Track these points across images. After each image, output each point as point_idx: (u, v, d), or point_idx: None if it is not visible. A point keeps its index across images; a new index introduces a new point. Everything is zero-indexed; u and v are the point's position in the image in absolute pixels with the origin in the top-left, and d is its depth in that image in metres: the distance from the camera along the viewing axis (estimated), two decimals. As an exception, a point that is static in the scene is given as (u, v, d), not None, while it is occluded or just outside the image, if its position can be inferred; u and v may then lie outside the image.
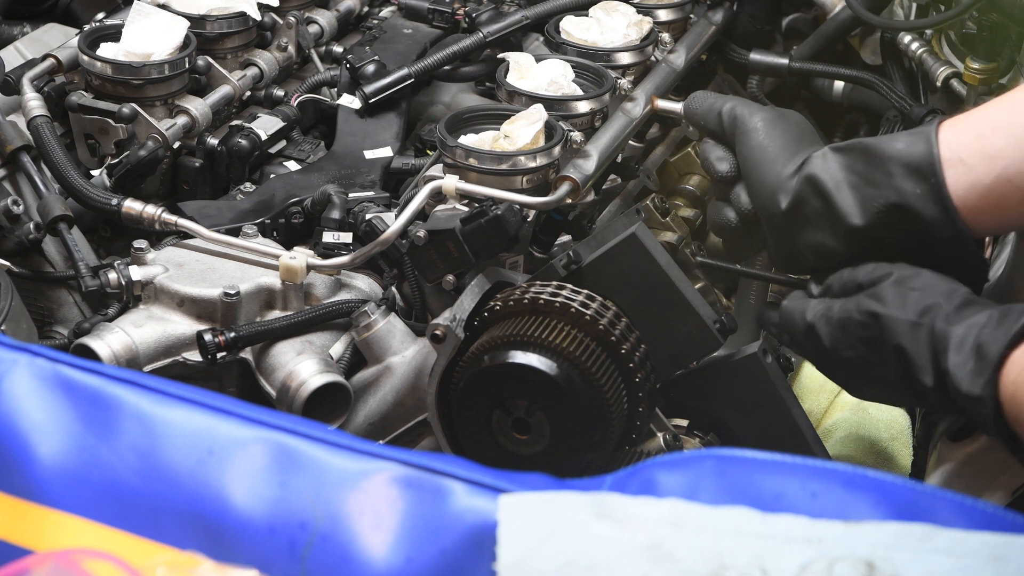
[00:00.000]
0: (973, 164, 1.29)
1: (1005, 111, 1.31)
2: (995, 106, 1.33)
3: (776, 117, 1.44)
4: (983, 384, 1.17)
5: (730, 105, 1.47)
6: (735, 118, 1.45)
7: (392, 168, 1.70)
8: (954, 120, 1.33)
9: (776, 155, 1.40)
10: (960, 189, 1.30)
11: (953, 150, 1.30)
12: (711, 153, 1.47)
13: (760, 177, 1.40)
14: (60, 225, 1.52)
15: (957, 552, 0.91)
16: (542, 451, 1.36)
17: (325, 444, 1.01)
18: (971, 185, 1.30)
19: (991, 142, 1.29)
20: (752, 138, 1.42)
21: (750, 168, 1.42)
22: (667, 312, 1.40)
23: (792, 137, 1.42)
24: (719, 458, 0.99)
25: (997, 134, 1.29)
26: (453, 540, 0.96)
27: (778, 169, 1.39)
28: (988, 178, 1.29)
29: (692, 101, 1.53)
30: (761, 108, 1.45)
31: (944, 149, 1.31)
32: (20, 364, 1.06)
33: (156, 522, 1.00)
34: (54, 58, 1.70)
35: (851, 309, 1.30)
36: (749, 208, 1.43)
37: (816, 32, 2.00)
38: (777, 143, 1.41)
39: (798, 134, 1.42)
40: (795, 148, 1.40)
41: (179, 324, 1.44)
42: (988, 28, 1.79)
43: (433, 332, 1.40)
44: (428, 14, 1.94)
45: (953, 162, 1.30)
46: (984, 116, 1.32)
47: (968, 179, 1.30)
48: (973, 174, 1.29)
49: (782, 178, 1.38)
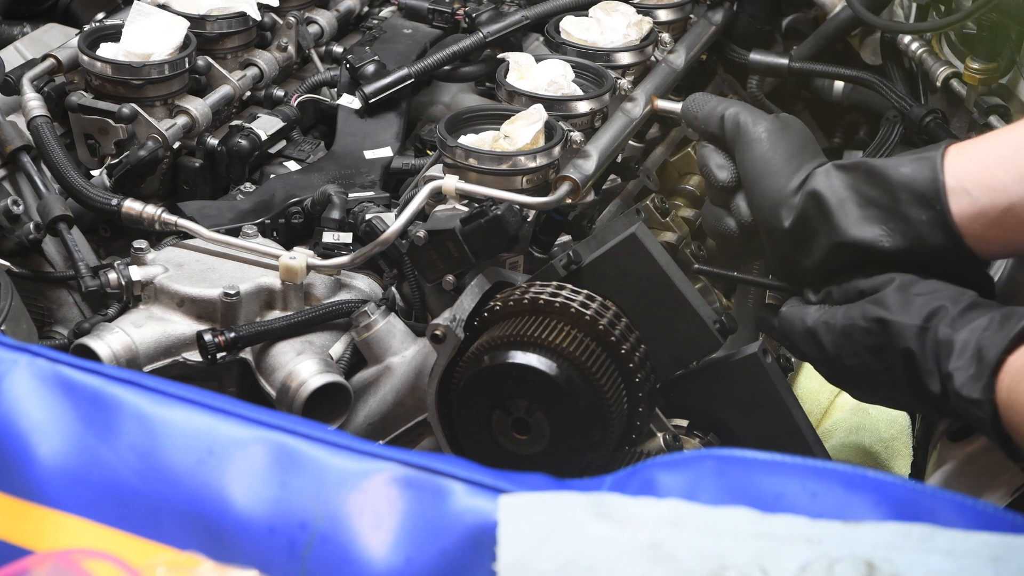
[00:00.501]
0: (977, 196, 1.29)
1: (1011, 145, 1.30)
2: (1002, 136, 1.32)
3: (780, 127, 1.43)
4: (981, 388, 1.17)
5: (733, 111, 1.46)
6: (738, 125, 1.44)
7: (392, 168, 1.70)
8: (960, 147, 1.33)
9: (780, 168, 1.39)
10: (964, 218, 1.30)
11: (958, 179, 1.30)
12: (711, 160, 1.46)
13: (763, 190, 1.40)
14: (60, 225, 1.52)
15: (957, 552, 0.91)
16: (542, 451, 1.36)
17: (325, 444, 1.01)
18: (975, 215, 1.30)
19: (995, 175, 1.29)
20: (756, 148, 1.42)
21: (753, 180, 1.41)
22: (667, 312, 1.40)
23: (796, 149, 1.41)
24: (719, 458, 0.99)
25: (1001, 168, 1.29)
26: (453, 540, 0.96)
27: (782, 183, 1.38)
28: (994, 211, 1.29)
29: (691, 103, 1.52)
30: (764, 116, 1.45)
31: (949, 177, 1.30)
32: (20, 364, 1.06)
33: (156, 522, 1.00)
34: (54, 58, 1.70)
35: (855, 316, 1.30)
36: (750, 219, 1.43)
37: (816, 32, 2.00)
38: (781, 155, 1.40)
39: (801, 145, 1.42)
40: (798, 161, 1.40)
41: (179, 324, 1.44)
42: (988, 28, 1.79)
43: (433, 332, 1.40)
44: (428, 14, 1.94)
45: (957, 191, 1.30)
46: (989, 147, 1.31)
47: (972, 209, 1.30)
48: (978, 205, 1.29)
49: (785, 193, 1.38)
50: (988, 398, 1.17)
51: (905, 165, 1.33)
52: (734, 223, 1.44)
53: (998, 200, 1.28)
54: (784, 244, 1.39)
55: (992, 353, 1.17)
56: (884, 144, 1.86)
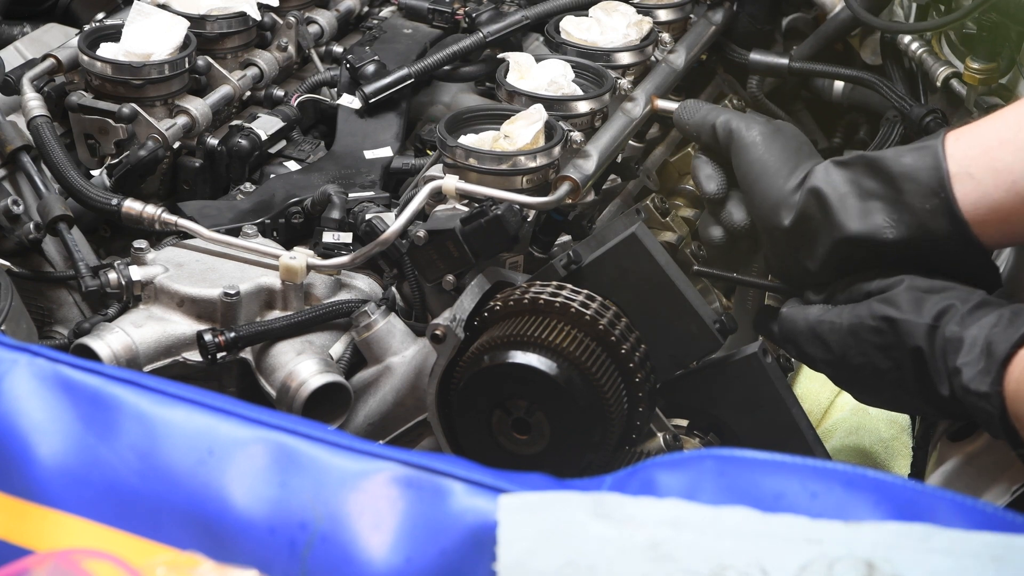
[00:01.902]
0: (982, 178, 1.29)
1: (1012, 124, 1.30)
2: (1001, 118, 1.32)
3: (773, 130, 1.43)
4: (990, 382, 1.17)
5: (724, 118, 1.46)
6: (730, 132, 1.45)
7: (392, 168, 1.70)
8: (958, 132, 1.33)
9: (777, 169, 1.39)
10: (968, 203, 1.30)
11: (961, 164, 1.30)
12: (701, 171, 1.48)
13: (762, 191, 1.40)
14: (60, 225, 1.52)
15: (957, 552, 0.91)
16: (542, 451, 1.36)
17: (325, 444, 1.01)
18: (980, 199, 1.29)
19: (999, 156, 1.29)
20: (751, 152, 1.42)
21: (750, 183, 1.41)
22: (667, 312, 1.40)
23: (791, 150, 1.41)
24: (719, 458, 0.99)
25: (1005, 148, 1.29)
26: (453, 540, 0.96)
27: (780, 183, 1.38)
28: (997, 192, 1.29)
29: (683, 111, 1.52)
30: (757, 121, 1.45)
31: (951, 163, 1.30)
32: (20, 364, 1.06)
33: (156, 522, 1.00)
34: (54, 58, 1.70)
35: (863, 315, 1.30)
36: (739, 225, 1.43)
37: (816, 32, 2.00)
38: (777, 156, 1.40)
39: (796, 147, 1.42)
40: (795, 161, 1.40)
41: (179, 324, 1.44)
42: (988, 28, 1.79)
43: (433, 332, 1.40)
44: (428, 14, 1.94)
45: (961, 176, 1.30)
46: (991, 129, 1.31)
47: (977, 193, 1.29)
48: (982, 188, 1.29)
49: (784, 192, 1.38)
50: (996, 391, 1.17)
51: (906, 155, 1.33)
52: (720, 231, 1.45)
53: (1001, 181, 1.28)
54: (785, 245, 1.38)
55: (1002, 348, 1.17)
56: (884, 144, 1.86)
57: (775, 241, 1.40)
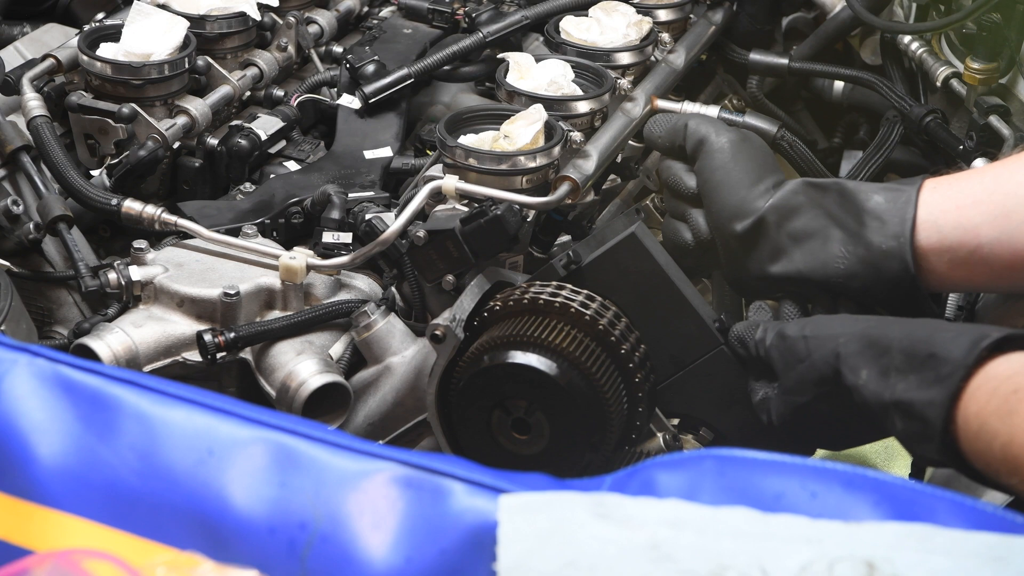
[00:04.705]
0: (947, 233, 1.31)
1: (988, 185, 1.31)
2: (978, 176, 1.34)
3: (742, 139, 1.44)
4: (935, 450, 1.13)
5: (695, 122, 1.46)
6: (700, 135, 1.45)
7: (392, 168, 1.70)
8: (937, 182, 1.34)
9: (741, 178, 1.40)
10: (931, 253, 1.31)
11: (932, 213, 1.32)
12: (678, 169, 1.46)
13: (723, 197, 1.40)
14: (60, 225, 1.52)
15: (957, 552, 0.91)
16: (542, 451, 1.36)
17: (325, 444, 1.01)
18: (941, 252, 1.31)
19: (969, 216, 1.30)
20: (718, 158, 1.42)
21: (713, 187, 1.42)
22: (667, 312, 1.40)
23: (757, 162, 1.42)
24: (719, 458, 0.99)
25: (977, 208, 1.30)
26: (453, 540, 0.96)
27: (742, 193, 1.39)
28: (961, 250, 1.30)
29: (652, 124, 1.52)
30: (727, 128, 1.45)
31: (923, 209, 1.32)
32: (20, 364, 1.06)
33: (156, 522, 1.00)
34: (54, 58, 1.70)
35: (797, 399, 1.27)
36: (706, 234, 1.43)
37: (816, 32, 2.00)
38: (742, 166, 1.41)
39: (762, 160, 1.43)
40: (759, 174, 1.40)
41: (179, 324, 1.44)
42: (988, 28, 1.79)
43: (433, 332, 1.40)
44: (428, 14, 1.94)
45: (928, 225, 1.32)
46: (967, 186, 1.33)
47: (940, 246, 1.31)
48: (945, 243, 1.31)
49: (746, 201, 1.39)
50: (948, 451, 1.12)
51: (880, 193, 1.34)
52: (690, 235, 1.45)
53: (967, 240, 1.30)
54: (737, 251, 1.39)
55: (934, 413, 1.13)
56: (884, 144, 1.86)
57: (729, 248, 1.40)
